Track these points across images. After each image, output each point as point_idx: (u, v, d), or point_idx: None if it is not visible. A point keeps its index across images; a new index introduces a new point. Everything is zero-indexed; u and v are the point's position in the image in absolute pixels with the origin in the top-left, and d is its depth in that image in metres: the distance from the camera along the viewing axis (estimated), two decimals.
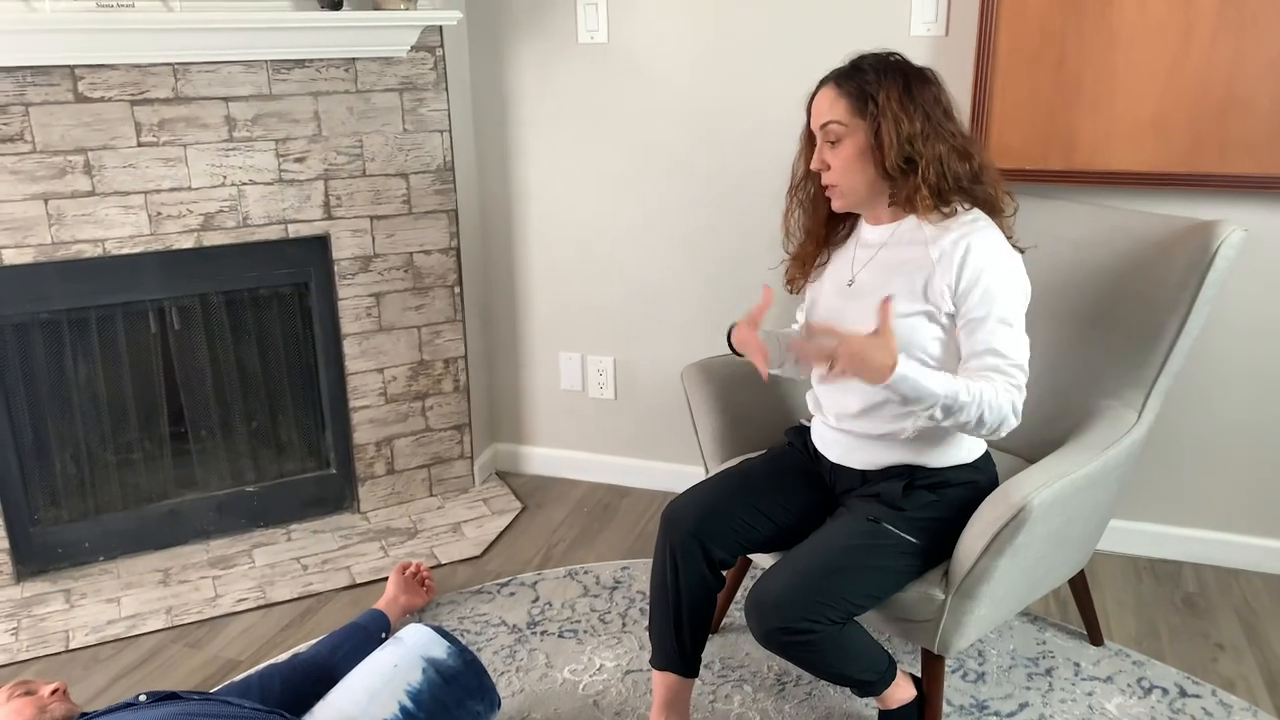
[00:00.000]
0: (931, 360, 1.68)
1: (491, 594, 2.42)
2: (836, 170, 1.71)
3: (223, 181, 2.45)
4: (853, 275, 1.79)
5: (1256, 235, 2.20)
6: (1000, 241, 1.68)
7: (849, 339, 1.54)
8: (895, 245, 1.74)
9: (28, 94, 2.22)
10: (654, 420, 2.89)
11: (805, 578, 1.63)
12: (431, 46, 2.58)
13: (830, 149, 1.71)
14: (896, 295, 1.68)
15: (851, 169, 1.69)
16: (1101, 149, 2.24)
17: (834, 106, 1.69)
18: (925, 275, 1.68)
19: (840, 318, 1.77)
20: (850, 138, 1.68)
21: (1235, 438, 2.38)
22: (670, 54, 2.57)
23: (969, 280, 1.64)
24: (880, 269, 1.75)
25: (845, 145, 1.69)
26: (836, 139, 1.69)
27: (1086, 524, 1.87)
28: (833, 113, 1.69)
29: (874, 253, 1.77)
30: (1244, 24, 2.08)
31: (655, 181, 2.68)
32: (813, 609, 1.60)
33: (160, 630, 2.31)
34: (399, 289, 2.71)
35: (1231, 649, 2.17)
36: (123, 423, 2.58)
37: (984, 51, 2.25)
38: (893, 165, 1.66)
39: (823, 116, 1.70)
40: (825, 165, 1.72)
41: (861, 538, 1.68)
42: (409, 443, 2.85)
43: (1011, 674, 2.08)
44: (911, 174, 1.67)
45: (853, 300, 1.77)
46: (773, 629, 1.60)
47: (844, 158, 1.69)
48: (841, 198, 1.74)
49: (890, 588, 1.69)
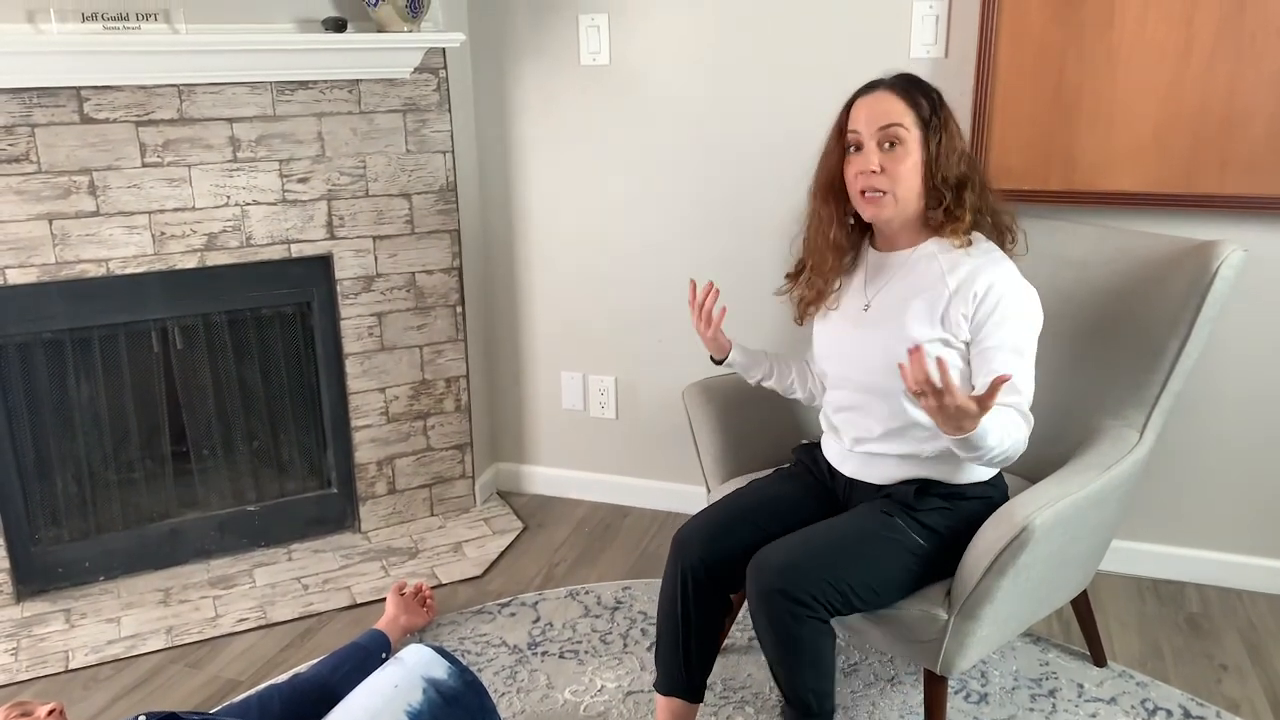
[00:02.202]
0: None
1: (492, 614, 2.41)
2: (892, 175, 1.65)
3: (226, 202, 2.46)
4: (868, 301, 1.77)
5: (1257, 255, 2.20)
6: (1017, 273, 1.69)
7: (957, 394, 1.43)
8: (910, 272, 1.73)
9: (34, 115, 2.24)
10: (655, 440, 2.89)
11: (812, 552, 1.63)
12: (435, 68, 2.59)
13: (886, 153, 1.65)
14: (914, 321, 1.68)
15: (909, 176, 1.66)
16: (1101, 169, 2.25)
17: (895, 110, 1.65)
18: (944, 303, 1.67)
19: (852, 345, 1.77)
20: (911, 144, 1.65)
21: (1238, 457, 2.38)
22: (672, 76, 2.58)
23: (987, 310, 1.64)
24: (896, 295, 1.73)
25: (905, 150, 1.65)
26: (896, 142, 1.65)
27: (1089, 544, 1.87)
28: (895, 115, 1.64)
29: (889, 278, 1.76)
30: (1242, 44, 2.09)
31: (657, 202, 2.69)
32: (814, 584, 1.59)
33: (160, 650, 2.30)
34: (401, 309, 2.72)
35: (1236, 670, 2.16)
36: (124, 442, 2.58)
37: (983, 73, 2.27)
38: (943, 181, 1.65)
39: (885, 118, 1.65)
40: (880, 167, 1.65)
41: (873, 526, 1.68)
42: (410, 462, 2.85)
43: (1014, 695, 2.07)
44: (959, 192, 1.67)
45: (867, 328, 1.76)
46: (774, 590, 1.59)
47: (904, 165, 1.65)
48: (887, 206, 1.68)
49: (890, 587, 1.68)
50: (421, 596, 2.34)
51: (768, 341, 2.65)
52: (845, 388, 1.83)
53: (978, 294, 1.65)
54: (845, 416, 1.83)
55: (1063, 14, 2.18)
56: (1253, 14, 2.07)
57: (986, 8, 2.22)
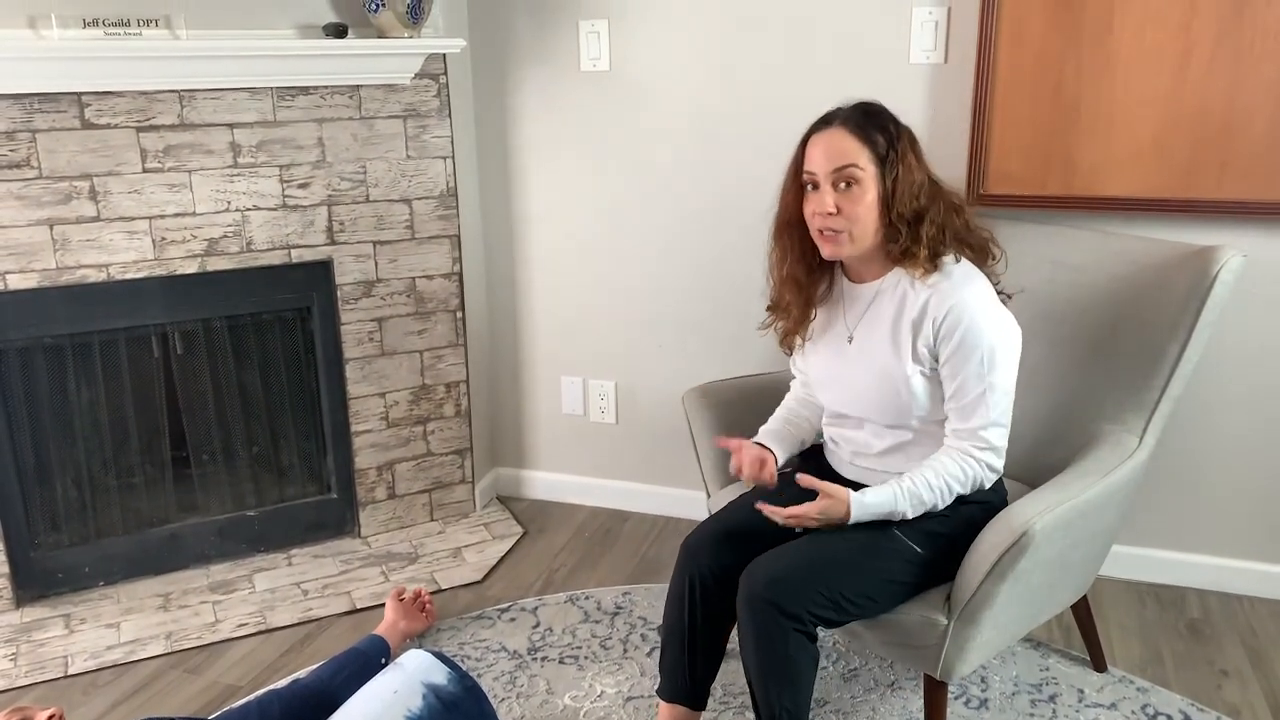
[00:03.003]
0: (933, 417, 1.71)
1: (492, 619, 2.41)
2: (847, 215, 1.65)
3: (227, 207, 2.46)
4: (850, 333, 1.78)
5: (1256, 260, 2.21)
6: (985, 295, 1.67)
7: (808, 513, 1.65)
8: (880, 304, 1.73)
9: (35, 121, 2.24)
10: (655, 444, 2.89)
11: (804, 563, 1.64)
12: (435, 74, 2.60)
13: (842, 193, 1.64)
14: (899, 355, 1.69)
15: (865, 216, 1.64)
16: (1100, 174, 2.25)
17: (850, 150, 1.63)
18: (907, 336, 1.68)
19: (842, 378, 1.79)
20: (867, 184, 1.63)
21: (1238, 462, 2.38)
22: (672, 82, 2.59)
23: (946, 339, 1.65)
24: (872, 328, 1.74)
25: (861, 190, 1.63)
26: (852, 182, 1.63)
27: (1089, 549, 1.87)
28: (850, 156, 1.63)
29: (863, 310, 1.76)
30: (1240, 50, 2.10)
31: (657, 207, 2.70)
32: (805, 595, 1.60)
33: (160, 656, 2.30)
34: (401, 314, 2.72)
35: (1236, 676, 2.15)
36: (124, 447, 2.58)
37: (983, 79, 2.27)
38: (898, 217, 1.64)
39: (840, 159, 1.64)
40: (835, 208, 1.65)
41: (868, 537, 1.68)
42: (410, 467, 2.85)
43: (1014, 701, 2.07)
44: (915, 225, 1.65)
45: (852, 362, 1.77)
46: (763, 600, 1.60)
47: (859, 203, 1.64)
48: (845, 244, 1.67)
49: (885, 595, 1.68)
50: (420, 602, 2.34)
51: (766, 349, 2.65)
52: (838, 419, 1.86)
53: (935, 320, 1.65)
54: (843, 434, 1.86)
55: (1062, 20, 2.19)
56: (1250, 21, 2.07)
57: (986, 14, 2.23)
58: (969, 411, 1.66)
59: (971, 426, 1.66)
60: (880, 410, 1.75)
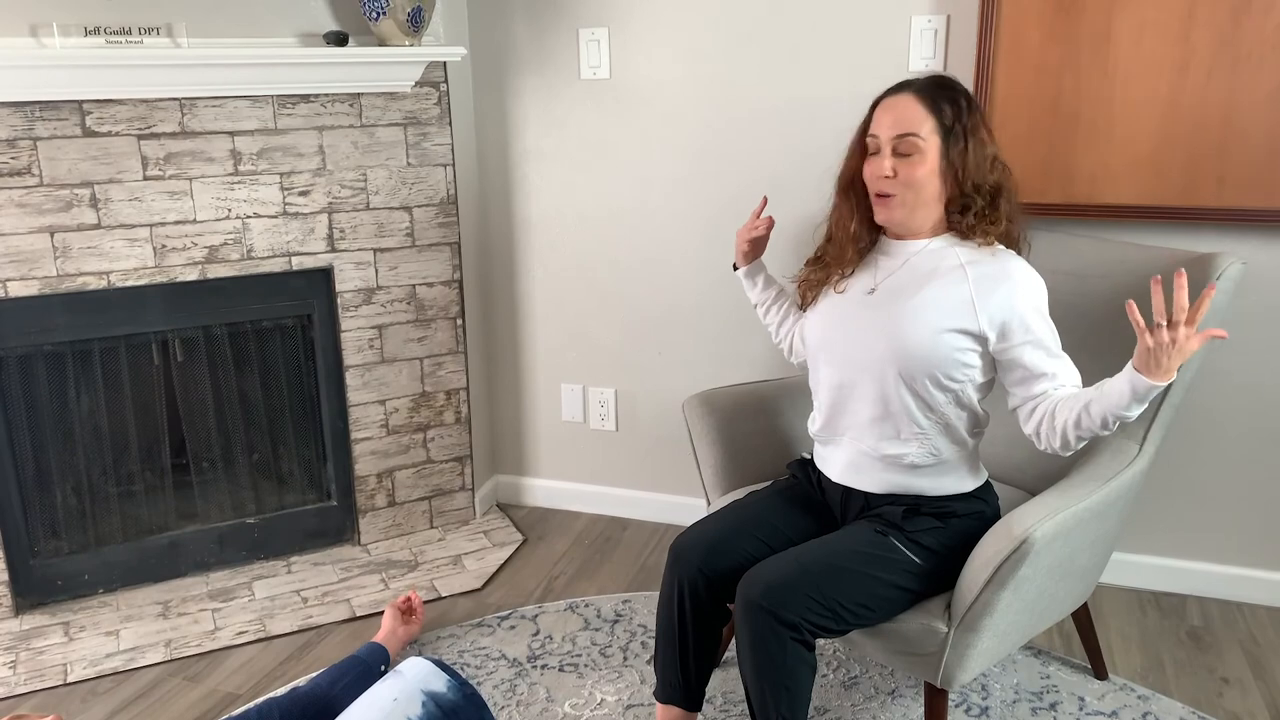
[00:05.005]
0: (956, 380, 1.69)
1: (492, 627, 2.41)
2: (905, 181, 1.67)
3: (227, 214, 2.47)
4: (875, 285, 1.77)
5: (1255, 268, 2.21)
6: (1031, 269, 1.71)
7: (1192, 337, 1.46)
8: (924, 260, 1.73)
9: (36, 128, 2.24)
10: (655, 452, 2.89)
11: (802, 571, 1.63)
12: (436, 82, 2.61)
13: (900, 158, 1.67)
14: (930, 307, 1.68)
15: (920, 183, 1.67)
16: (1100, 183, 2.25)
17: (914, 118, 1.65)
18: (965, 295, 1.67)
19: (854, 325, 1.76)
20: (927, 153, 1.66)
21: (1238, 470, 2.38)
22: (672, 89, 2.59)
23: (1013, 308, 1.64)
24: (906, 281, 1.73)
25: (919, 159, 1.66)
26: (913, 150, 1.66)
27: (1089, 556, 1.87)
28: (912, 124, 1.65)
29: (899, 265, 1.76)
30: (1239, 59, 2.10)
31: (657, 215, 2.70)
32: (803, 604, 1.59)
33: (159, 663, 2.30)
34: (401, 321, 2.72)
35: (1237, 683, 2.15)
36: (124, 454, 2.58)
37: (982, 86, 2.28)
38: (974, 189, 1.67)
39: (902, 126, 1.66)
40: (893, 172, 1.68)
41: (866, 546, 1.68)
42: (410, 474, 2.85)
43: (1015, 708, 2.07)
44: (995, 199, 1.68)
45: (871, 309, 1.75)
46: (761, 608, 1.60)
47: (917, 172, 1.66)
48: (897, 209, 1.70)
49: (883, 604, 1.67)
50: (409, 605, 2.33)
51: (766, 356, 2.66)
52: (836, 365, 1.80)
53: (1004, 291, 1.65)
54: (834, 396, 1.81)
55: (1060, 29, 2.20)
56: (1249, 31, 2.08)
57: (985, 22, 2.24)
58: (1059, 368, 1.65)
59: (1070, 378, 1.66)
60: (880, 357, 1.71)
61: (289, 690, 1.93)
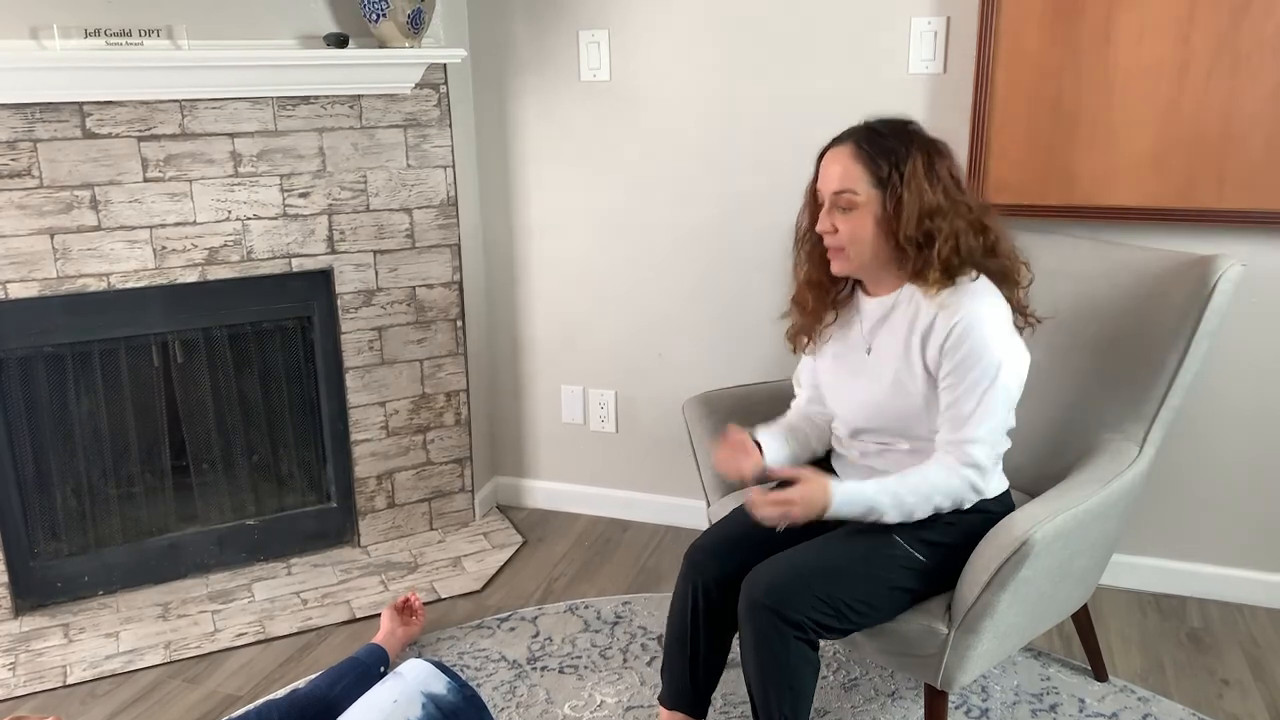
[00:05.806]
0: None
1: (492, 629, 2.41)
2: (845, 235, 1.67)
3: (227, 216, 2.47)
4: (869, 345, 1.78)
5: (1255, 270, 2.21)
6: (997, 313, 1.66)
7: (789, 497, 1.61)
8: (895, 317, 1.73)
9: (36, 130, 2.24)
10: (655, 453, 2.89)
11: (806, 569, 1.63)
12: (436, 84, 2.61)
13: (841, 213, 1.67)
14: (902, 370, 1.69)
15: (862, 237, 1.66)
16: (1100, 184, 2.25)
17: (849, 174, 1.65)
18: (918, 351, 1.68)
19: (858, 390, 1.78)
20: (866, 207, 1.64)
21: (1238, 472, 2.37)
22: (672, 92, 2.59)
23: (952, 355, 1.63)
24: (888, 342, 1.74)
25: (859, 213, 1.65)
26: (850, 206, 1.66)
27: (1090, 558, 1.86)
28: (847, 181, 1.65)
29: (881, 323, 1.76)
30: (1239, 61, 2.10)
31: (657, 217, 2.70)
32: (807, 603, 1.59)
33: (159, 665, 2.30)
34: (401, 323, 2.72)
35: (1237, 685, 2.15)
36: (124, 456, 2.58)
37: (981, 89, 2.28)
38: (908, 238, 1.63)
39: (835, 183, 1.66)
40: (833, 228, 1.68)
41: (869, 544, 1.68)
42: (410, 476, 2.84)
43: (1015, 710, 2.07)
44: (926, 247, 1.64)
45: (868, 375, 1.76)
46: (765, 607, 1.60)
47: (856, 225, 1.66)
48: (846, 262, 1.71)
49: (887, 603, 1.67)
50: (408, 605, 2.33)
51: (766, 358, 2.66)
52: (853, 419, 1.83)
53: (942, 333, 1.64)
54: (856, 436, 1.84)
55: (1060, 32, 2.20)
56: (1249, 33, 2.08)
57: (984, 24, 2.24)
58: (960, 423, 1.64)
59: (959, 439, 1.64)
60: (893, 420, 1.75)
61: (288, 692, 1.93)
